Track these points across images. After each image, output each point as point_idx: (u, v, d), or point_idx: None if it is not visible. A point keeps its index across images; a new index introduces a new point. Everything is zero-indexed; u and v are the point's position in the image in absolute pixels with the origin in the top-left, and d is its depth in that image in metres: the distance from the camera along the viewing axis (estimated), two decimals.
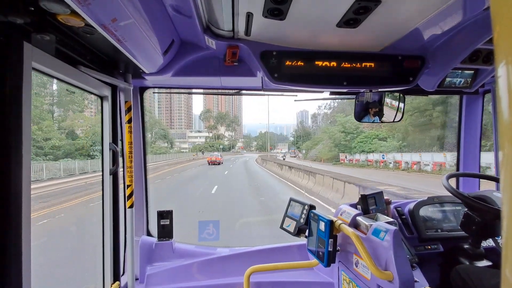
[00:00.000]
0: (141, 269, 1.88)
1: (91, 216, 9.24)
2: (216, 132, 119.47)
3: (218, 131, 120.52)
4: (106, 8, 0.82)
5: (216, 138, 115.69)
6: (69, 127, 33.22)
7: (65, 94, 35.15)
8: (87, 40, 1.19)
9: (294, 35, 1.34)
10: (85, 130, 34.67)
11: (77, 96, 36.60)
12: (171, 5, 1.10)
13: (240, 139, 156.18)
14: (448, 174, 1.76)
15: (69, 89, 32.55)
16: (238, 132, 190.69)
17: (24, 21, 0.87)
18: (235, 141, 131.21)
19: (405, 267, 1.24)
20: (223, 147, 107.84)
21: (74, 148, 29.92)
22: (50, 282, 4.97)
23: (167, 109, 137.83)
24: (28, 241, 0.93)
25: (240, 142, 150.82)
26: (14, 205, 0.88)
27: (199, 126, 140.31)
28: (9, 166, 0.87)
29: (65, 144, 29.08)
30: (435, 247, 1.81)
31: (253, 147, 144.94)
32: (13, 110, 0.88)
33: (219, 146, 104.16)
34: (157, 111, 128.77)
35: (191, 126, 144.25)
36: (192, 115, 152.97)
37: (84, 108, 40.23)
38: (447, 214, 1.94)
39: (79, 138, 32.10)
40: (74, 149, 29.83)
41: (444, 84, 1.84)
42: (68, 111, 36.61)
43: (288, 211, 1.82)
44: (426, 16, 1.16)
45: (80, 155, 29.40)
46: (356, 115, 1.85)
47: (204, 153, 73.68)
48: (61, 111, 36.28)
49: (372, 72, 1.52)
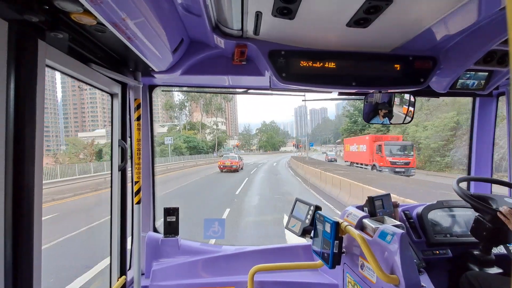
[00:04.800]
0: (147, 264, 1.91)
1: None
2: (190, 119, 69.92)
3: (193, 118, 72.39)
4: (117, 7, 0.83)
5: (190, 128, 65.10)
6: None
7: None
8: (99, 38, 1.22)
9: (303, 35, 1.34)
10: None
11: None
12: (181, 4, 1.11)
13: (235, 136, 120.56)
14: (458, 178, 1.72)
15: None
16: (233, 125, 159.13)
17: (38, 19, 0.89)
18: (225, 135, 78.36)
19: (412, 271, 1.22)
20: (196, 144, 53.63)
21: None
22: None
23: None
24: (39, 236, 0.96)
25: (235, 139, 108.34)
26: (27, 200, 0.90)
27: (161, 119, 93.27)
28: (23, 162, 0.90)
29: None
30: (444, 252, 1.77)
31: (253, 145, 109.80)
32: (27, 106, 0.90)
33: (187, 143, 51.53)
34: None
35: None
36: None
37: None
38: (456, 218, 1.90)
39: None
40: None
41: (457, 85, 1.79)
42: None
43: (293, 212, 1.81)
44: (439, 16, 1.13)
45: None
46: (365, 116, 1.83)
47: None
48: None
49: (382, 73, 1.50)
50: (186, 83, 1.94)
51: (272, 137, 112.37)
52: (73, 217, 9.65)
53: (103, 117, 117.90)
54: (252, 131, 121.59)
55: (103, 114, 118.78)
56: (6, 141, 0.85)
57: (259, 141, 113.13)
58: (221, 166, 26.39)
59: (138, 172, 1.71)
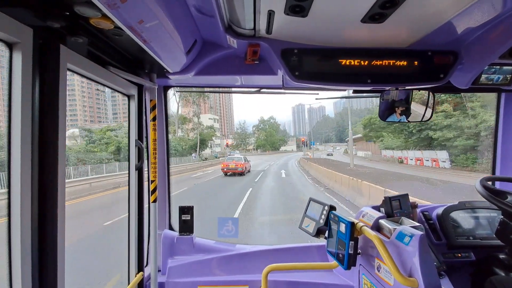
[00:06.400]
0: (163, 261, 1.96)
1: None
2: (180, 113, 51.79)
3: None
4: (133, 11, 0.86)
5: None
6: None
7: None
8: (116, 41, 1.26)
9: (316, 32, 1.32)
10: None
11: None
12: (194, 6, 1.13)
13: (230, 135, 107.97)
14: (482, 178, 1.64)
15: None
16: (228, 121, 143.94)
17: (60, 25, 0.94)
18: (212, 131, 59.18)
19: (431, 274, 1.18)
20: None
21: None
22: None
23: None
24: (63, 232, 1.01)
25: (230, 139, 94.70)
26: (51, 199, 0.95)
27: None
28: (47, 162, 0.94)
29: None
30: (466, 255, 1.70)
31: (250, 145, 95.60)
32: (50, 108, 0.95)
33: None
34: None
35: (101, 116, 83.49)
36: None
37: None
38: (480, 220, 1.81)
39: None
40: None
41: (480, 81, 1.71)
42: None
43: (307, 211, 1.79)
44: (460, 8, 1.08)
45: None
46: (380, 114, 1.78)
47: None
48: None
49: (399, 69, 1.45)
50: (200, 84, 1.97)
51: (271, 135, 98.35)
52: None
53: (83, 116, 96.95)
54: (248, 129, 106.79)
55: (83, 113, 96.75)
56: (31, 141, 0.90)
57: (256, 140, 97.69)
58: (224, 169, 22.99)
59: (154, 171, 1.76)
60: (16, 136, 0.86)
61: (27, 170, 0.88)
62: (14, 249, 0.87)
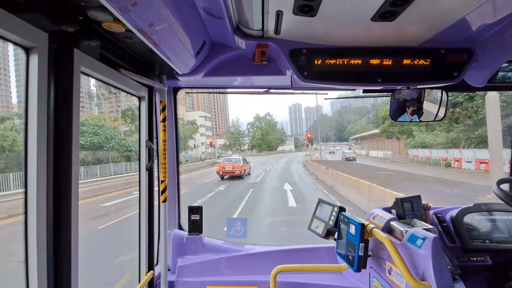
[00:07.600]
0: (173, 260, 1.98)
1: None
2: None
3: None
4: (144, 14, 0.87)
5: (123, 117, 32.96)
6: None
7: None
8: (127, 44, 1.29)
9: (325, 32, 1.30)
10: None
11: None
12: (202, 8, 1.14)
13: (224, 135, 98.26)
14: (499, 179, 1.58)
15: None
16: (223, 120, 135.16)
17: (74, 29, 0.97)
18: (194, 127, 52.94)
19: (445, 278, 1.14)
20: (97, 143, 20.28)
21: None
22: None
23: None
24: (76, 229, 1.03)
25: (223, 138, 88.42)
26: (65, 198, 0.98)
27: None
28: (62, 161, 0.97)
29: None
30: (482, 259, 1.64)
31: (244, 144, 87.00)
32: (64, 109, 0.98)
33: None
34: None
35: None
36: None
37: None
38: (497, 223, 1.75)
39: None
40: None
41: (496, 79, 1.65)
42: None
43: (316, 212, 1.77)
44: (475, 3, 1.04)
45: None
46: (391, 113, 1.75)
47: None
48: None
49: (410, 68, 1.41)
50: (209, 84, 1.99)
51: (268, 133, 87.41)
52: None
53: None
54: (242, 127, 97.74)
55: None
56: (47, 142, 0.93)
57: (251, 139, 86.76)
58: (220, 172, 20.25)
59: (164, 172, 1.78)
60: (32, 137, 0.89)
61: (42, 170, 0.91)
62: (31, 247, 0.90)
